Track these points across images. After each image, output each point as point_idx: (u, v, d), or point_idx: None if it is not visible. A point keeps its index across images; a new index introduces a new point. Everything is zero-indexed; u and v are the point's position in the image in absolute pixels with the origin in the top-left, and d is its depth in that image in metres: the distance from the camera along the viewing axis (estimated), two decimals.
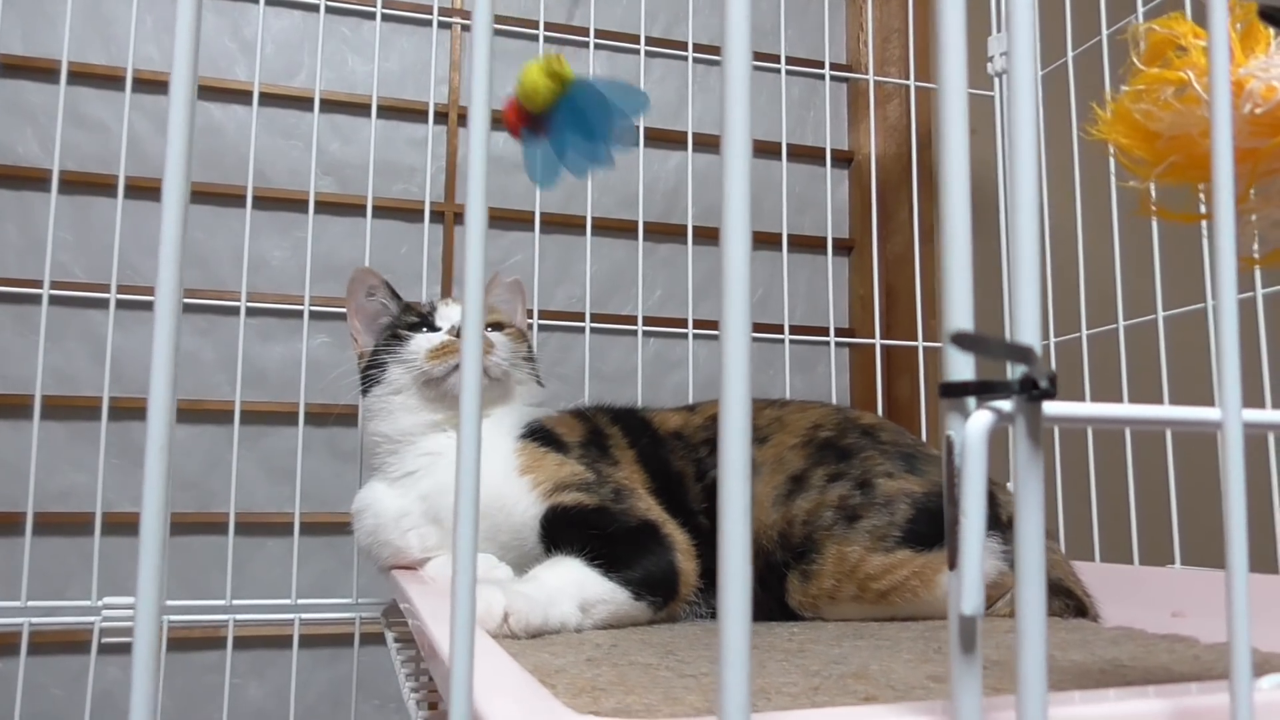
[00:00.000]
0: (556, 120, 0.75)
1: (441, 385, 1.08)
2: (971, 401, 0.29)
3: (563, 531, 0.91)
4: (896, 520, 0.95)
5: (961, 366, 0.29)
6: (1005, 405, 0.28)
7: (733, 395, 0.27)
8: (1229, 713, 0.31)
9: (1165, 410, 0.31)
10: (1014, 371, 0.28)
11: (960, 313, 0.28)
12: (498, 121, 1.75)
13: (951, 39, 0.29)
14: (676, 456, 1.08)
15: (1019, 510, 0.28)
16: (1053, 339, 1.47)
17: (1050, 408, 0.28)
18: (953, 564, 0.28)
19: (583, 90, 0.74)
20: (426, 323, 1.14)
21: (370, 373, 1.13)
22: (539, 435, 1.06)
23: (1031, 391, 0.28)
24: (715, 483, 0.89)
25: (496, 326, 1.17)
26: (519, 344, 1.17)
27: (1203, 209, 0.63)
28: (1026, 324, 0.29)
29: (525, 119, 0.76)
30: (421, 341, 1.10)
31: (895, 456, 1.00)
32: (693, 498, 1.04)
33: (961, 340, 0.27)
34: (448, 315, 1.15)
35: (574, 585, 0.83)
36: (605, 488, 0.97)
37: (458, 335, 1.08)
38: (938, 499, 0.97)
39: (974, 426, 0.28)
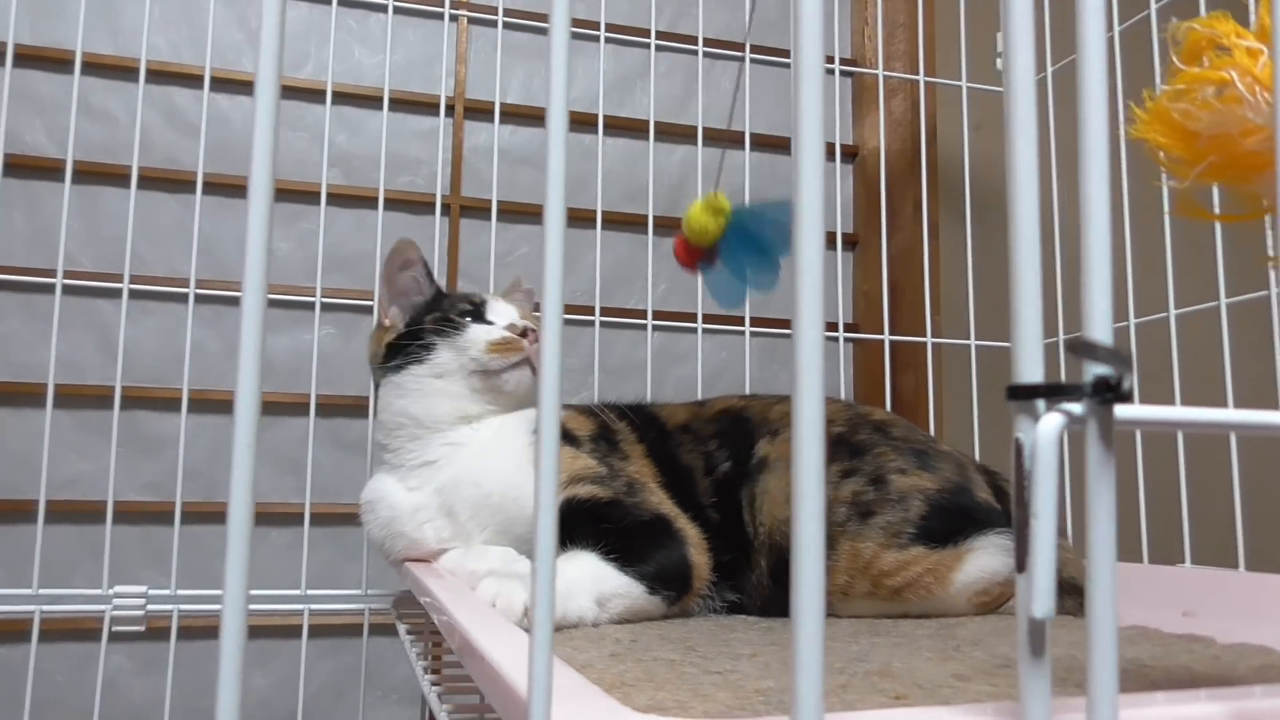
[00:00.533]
0: (727, 248, 0.86)
1: (494, 379, 1.07)
2: (1041, 404, 0.29)
3: (578, 525, 0.91)
4: (910, 517, 0.95)
5: (1031, 369, 0.29)
6: (1076, 408, 0.28)
7: (806, 393, 0.27)
8: None
9: (1237, 414, 0.31)
10: (1087, 373, 0.28)
11: (1033, 313, 0.28)
12: (506, 115, 1.74)
13: (1020, 39, 0.29)
14: (685, 450, 1.09)
15: (1091, 514, 0.28)
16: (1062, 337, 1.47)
17: (1122, 411, 0.28)
18: (1021, 566, 0.28)
19: (745, 216, 0.86)
20: (479, 314, 1.12)
21: (409, 350, 1.10)
22: None
23: (1105, 394, 0.28)
24: (725, 477, 0.89)
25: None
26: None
27: (1217, 210, 0.63)
28: (1098, 320, 0.29)
29: (697, 254, 0.89)
30: (480, 333, 1.08)
31: (908, 453, 1.01)
32: (702, 491, 1.04)
33: (1075, 347, 0.27)
34: (501, 312, 1.13)
35: (590, 579, 0.83)
36: (618, 481, 0.97)
37: (521, 334, 1.08)
38: (950, 495, 0.97)
39: (1045, 429, 0.28)
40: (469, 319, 1.10)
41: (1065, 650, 0.68)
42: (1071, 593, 0.93)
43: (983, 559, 0.94)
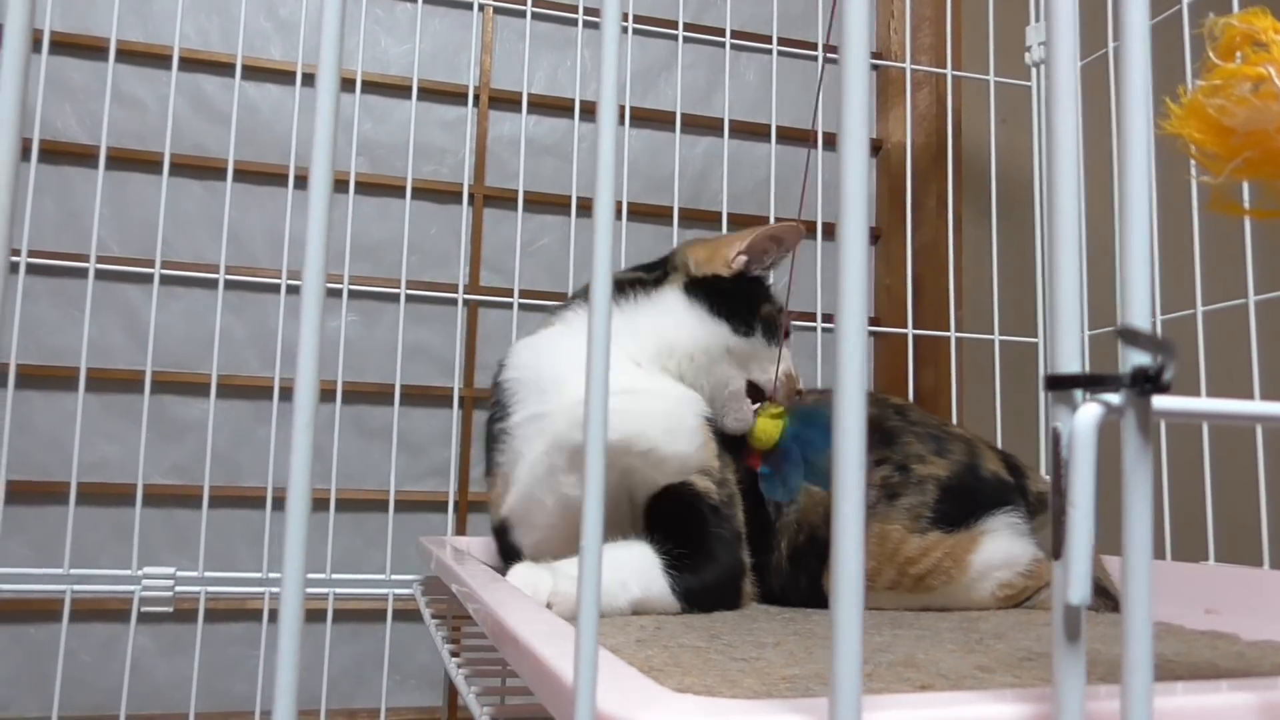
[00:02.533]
0: (789, 448, 1.03)
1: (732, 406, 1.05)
2: (1079, 394, 0.29)
3: (675, 513, 0.91)
4: (927, 500, 0.96)
5: (1069, 359, 0.29)
6: (1114, 399, 0.29)
7: (849, 388, 0.28)
8: None
9: (1277, 407, 0.32)
10: (1125, 364, 0.29)
11: (1072, 302, 0.28)
12: (532, 105, 1.73)
13: (1064, 37, 0.30)
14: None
15: (1128, 505, 0.28)
16: (1088, 332, 1.47)
17: (1160, 402, 0.29)
18: (1058, 554, 0.28)
19: (799, 418, 1.03)
20: (774, 329, 1.07)
21: (724, 300, 1.05)
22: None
23: (1144, 385, 0.28)
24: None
25: None
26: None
27: (1246, 203, 0.63)
28: (1138, 307, 0.29)
29: (760, 457, 1.04)
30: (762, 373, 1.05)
31: (926, 438, 1.02)
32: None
33: (1126, 335, 0.28)
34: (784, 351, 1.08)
35: (638, 585, 0.83)
36: (726, 487, 0.98)
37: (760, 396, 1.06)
38: (959, 479, 0.99)
39: (1083, 419, 0.28)
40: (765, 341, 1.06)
41: (1090, 645, 0.68)
42: (1095, 593, 0.93)
43: (998, 541, 0.95)
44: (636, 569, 0.84)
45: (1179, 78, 1.27)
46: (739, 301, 1.05)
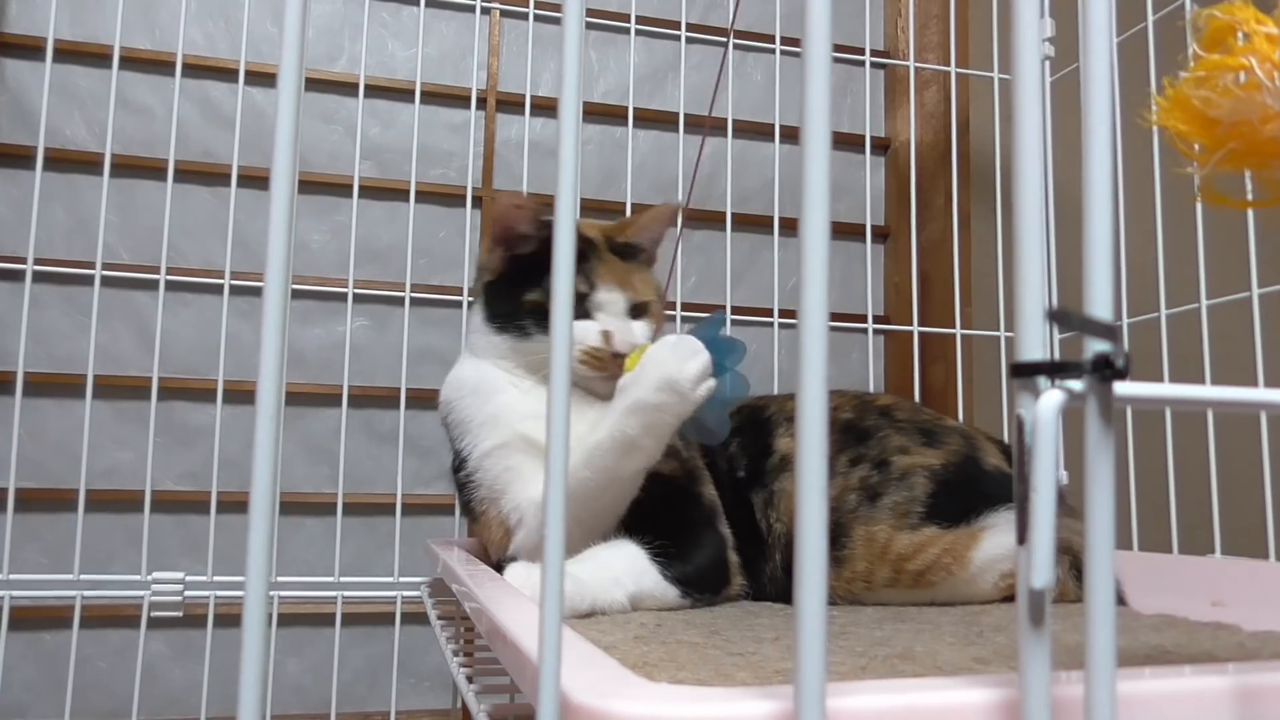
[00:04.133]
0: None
1: (583, 381, 0.99)
2: (1043, 381, 0.29)
3: (650, 507, 0.91)
4: (916, 495, 0.95)
5: (1033, 346, 0.29)
6: (1077, 385, 0.29)
7: (811, 380, 0.28)
8: None
9: (1239, 392, 0.32)
10: (1087, 351, 0.29)
11: (1036, 287, 0.29)
12: (537, 108, 1.75)
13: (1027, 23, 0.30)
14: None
15: (1089, 490, 0.28)
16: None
17: (1122, 388, 0.29)
18: (1023, 539, 0.28)
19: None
20: (583, 301, 1.01)
21: (501, 318, 1.03)
22: None
23: (1104, 371, 0.28)
24: (740, 473, 0.89)
25: (640, 309, 1.05)
26: (656, 324, 1.06)
27: (1250, 196, 0.63)
28: (1100, 299, 0.29)
29: None
30: (576, 332, 0.92)
31: (911, 431, 1.01)
32: (718, 486, 1.05)
33: (1055, 316, 0.28)
34: (608, 303, 1.01)
35: (631, 578, 0.83)
36: (688, 464, 0.99)
37: (614, 355, 0.98)
38: (955, 471, 0.97)
39: (1045, 406, 0.29)
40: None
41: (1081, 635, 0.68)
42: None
43: (1000, 536, 0.93)
44: (626, 565, 0.85)
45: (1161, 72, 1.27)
46: (505, 300, 1.03)
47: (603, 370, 0.97)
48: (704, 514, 0.95)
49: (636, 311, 1.04)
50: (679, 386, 0.83)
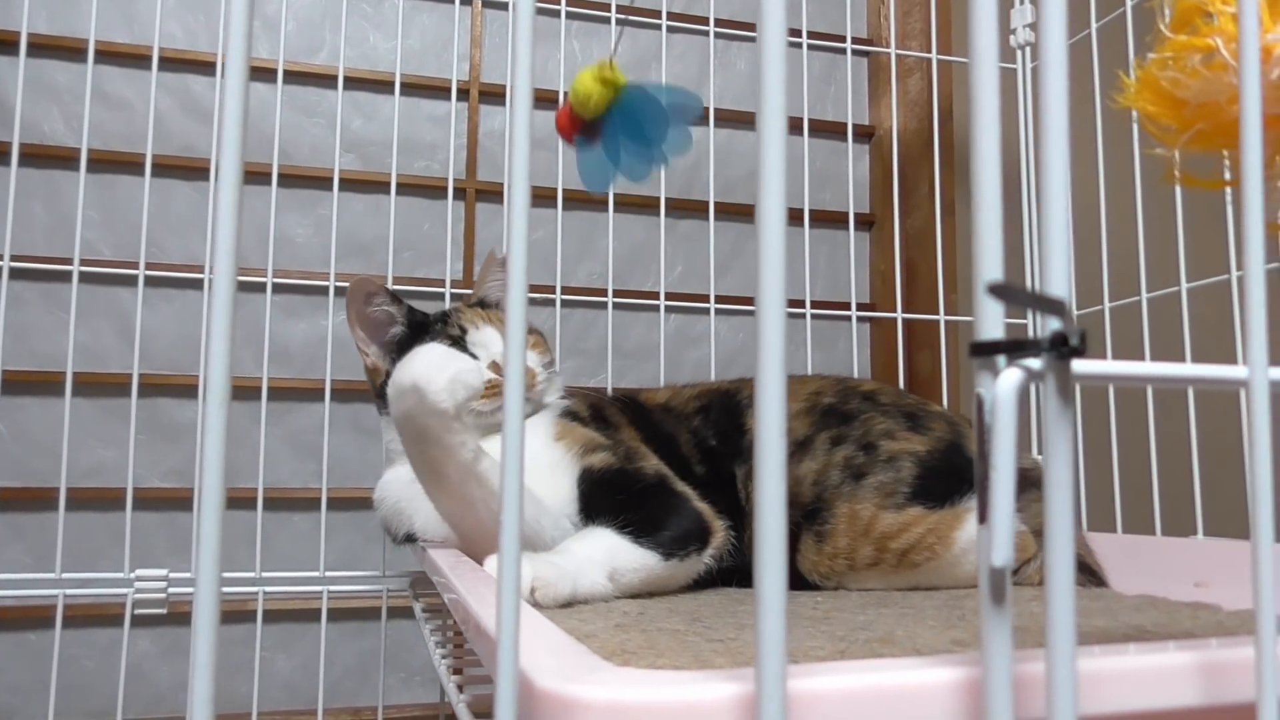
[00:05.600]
0: (610, 125, 0.77)
1: (488, 418, 1.04)
2: (1002, 360, 0.29)
3: (597, 499, 0.92)
4: (903, 477, 0.96)
5: (992, 325, 0.29)
6: (1035, 363, 0.29)
7: (769, 362, 0.28)
8: (1253, 666, 0.31)
9: (1191, 369, 0.32)
10: (1044, 330, 0.29)
11: (992, 264, 0.29)
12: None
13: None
14: (667, 424, 1.12)
15: (1048, 467, 0.29)
16: (1075, 311, 1.46)
17: (1079, 366, 0.29)
18: (983, 518, 0.28)
19: (636, 95, 0.77)
20: (461, 346, 1.09)
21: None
22: (565, 413, 1.09)
23: (1061, 349, 0.28)
24: (716, 452, 0.90)
25: None
26: (545, 353, 1.15)
27: (1228, 175, 0.63)
28: (1056, 277, 0.29)
29: (579, 126, 0.79)
30: (468, 375, 1.02)
31: (896, 416, 1.02)
32: (687, 453, 1.08)
33: (997, 290, 0.28)
34: (482, 341, 1.11)
35: (604, 553, 0.84)
36: (620, 449, 1.00)
37: (499, 371, 1.05)
38: (941, 456, 0.99)
39: (1004, 384, 0.29)
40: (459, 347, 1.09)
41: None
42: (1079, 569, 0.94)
43: None
44: (597, 543, 0.85)
45: (1140, 55, 1.27)
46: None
47: (495, 398, 1.03)
48: (653, 481, 0.96)
49: None
50: (422, 392, 0.80)
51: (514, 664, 0.27)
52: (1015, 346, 0.29)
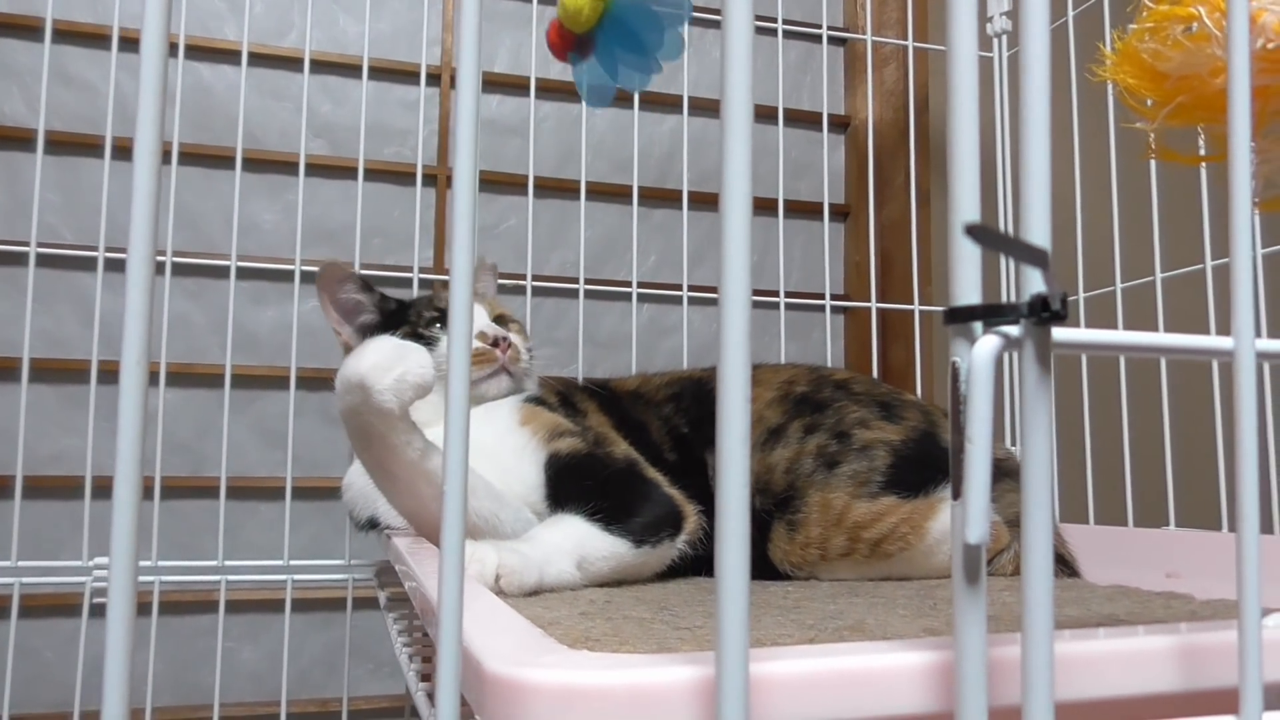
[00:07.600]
0: (603, 39, 0.77)
1: (472, 389, 1.04)
2: (978, 326, 0.28)
3: (565, 486, 0.90)
4: (876, 466, 0.95)
5: (968, 290, 0.28)
6: (1013, 330, 0.27)
7: (732, 350, 0.26)
8: (1235, 649, 0.30)
9: (1175, 338, 0.30)
10: (1022, 295, 0.27)
11: (969, 205, 0.27)
12: (493, 84, 1.73)
13: None
14: (636, 410, 1.11)
15: (1026, 438, 0.27)
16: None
17: (1059, 333, 0.28)
18: (957, 493, 0.27)
19: (625, 4, 0.76)
20: (445, 320, 1.08)
21: None
22: (530, 398, 1.07)
23: (1041, 314, 0.27)
24: (687, 439, 0.88)
25: (501, 320, 1.14)
26: (527, 341, 1.16)
27: (1203, 151, 0.62)
28: (1036, 228, 0.28)
29: (570, 42, 0.79)
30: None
31: (870, 405, 1.02)
32: (658, 440, 1.07)
33: (974, 232, 0.26)
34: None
35: (572, 542, 0.82)
36: (588, 434, 0.98)
37: (493, 343, 1.06)
38: (915, 446, 0.98)
39: (980, 351, 0.27)
40: (438, 326, 1.09)
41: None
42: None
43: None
44: (566, 532, 0.83)
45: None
46: None
47: (492, 362, 1.04)
48: (623, 466, 0.94)
49: (499, 322, 1.12)
50: (367, 390, 0.76)
51: (456, 643, 0.25)
52: (992, 311, 0.27)
